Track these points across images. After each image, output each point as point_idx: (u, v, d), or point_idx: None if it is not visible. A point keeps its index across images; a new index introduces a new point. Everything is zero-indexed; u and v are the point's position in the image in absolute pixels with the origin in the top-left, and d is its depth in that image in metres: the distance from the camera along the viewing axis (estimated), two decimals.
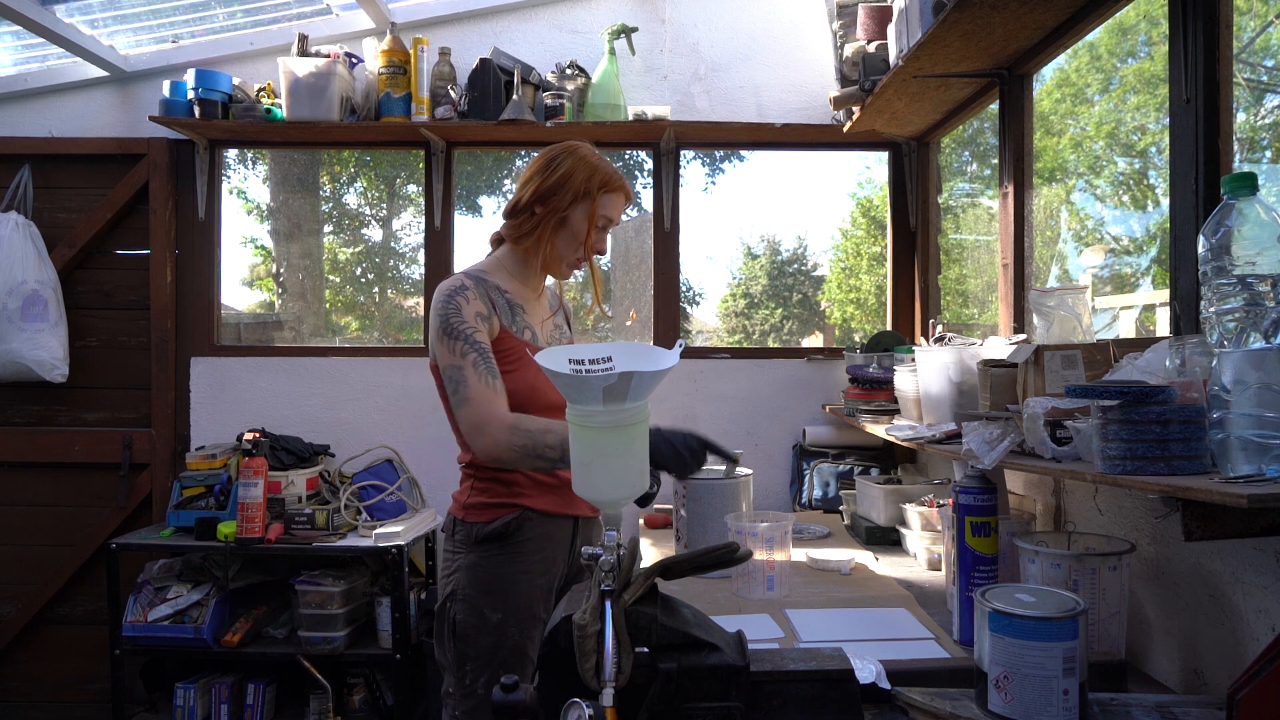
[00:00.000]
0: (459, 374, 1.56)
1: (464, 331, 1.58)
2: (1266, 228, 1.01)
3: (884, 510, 2.41)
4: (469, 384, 1.55)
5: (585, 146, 1.75)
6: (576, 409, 1.05)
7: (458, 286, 1.63)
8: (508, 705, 0.93)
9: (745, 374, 3.18)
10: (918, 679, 1.25)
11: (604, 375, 1.01)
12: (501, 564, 1.64)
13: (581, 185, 1.68)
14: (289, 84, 2.93)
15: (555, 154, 1.71)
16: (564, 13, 3.22)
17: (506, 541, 1.65)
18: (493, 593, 1.63)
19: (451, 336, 1.58)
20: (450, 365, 1.57)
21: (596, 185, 1.69)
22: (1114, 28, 2.35)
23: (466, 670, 1.62)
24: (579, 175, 1.68)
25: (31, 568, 3.14)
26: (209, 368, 3.18)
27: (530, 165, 1.74)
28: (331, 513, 2.71)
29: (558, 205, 1.68)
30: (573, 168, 1.68)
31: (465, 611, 1.63)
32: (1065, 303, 1.72)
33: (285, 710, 2.89)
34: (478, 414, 1.53)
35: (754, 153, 3.71)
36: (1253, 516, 1.04)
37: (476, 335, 1.59)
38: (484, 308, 1.63)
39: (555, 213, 1.68)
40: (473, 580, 1.64)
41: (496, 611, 1.62)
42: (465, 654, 1.62)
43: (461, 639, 1.62)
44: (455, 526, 1.69)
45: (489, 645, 1.62)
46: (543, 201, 1.68)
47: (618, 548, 1.05)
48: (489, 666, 1.62)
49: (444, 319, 1.59)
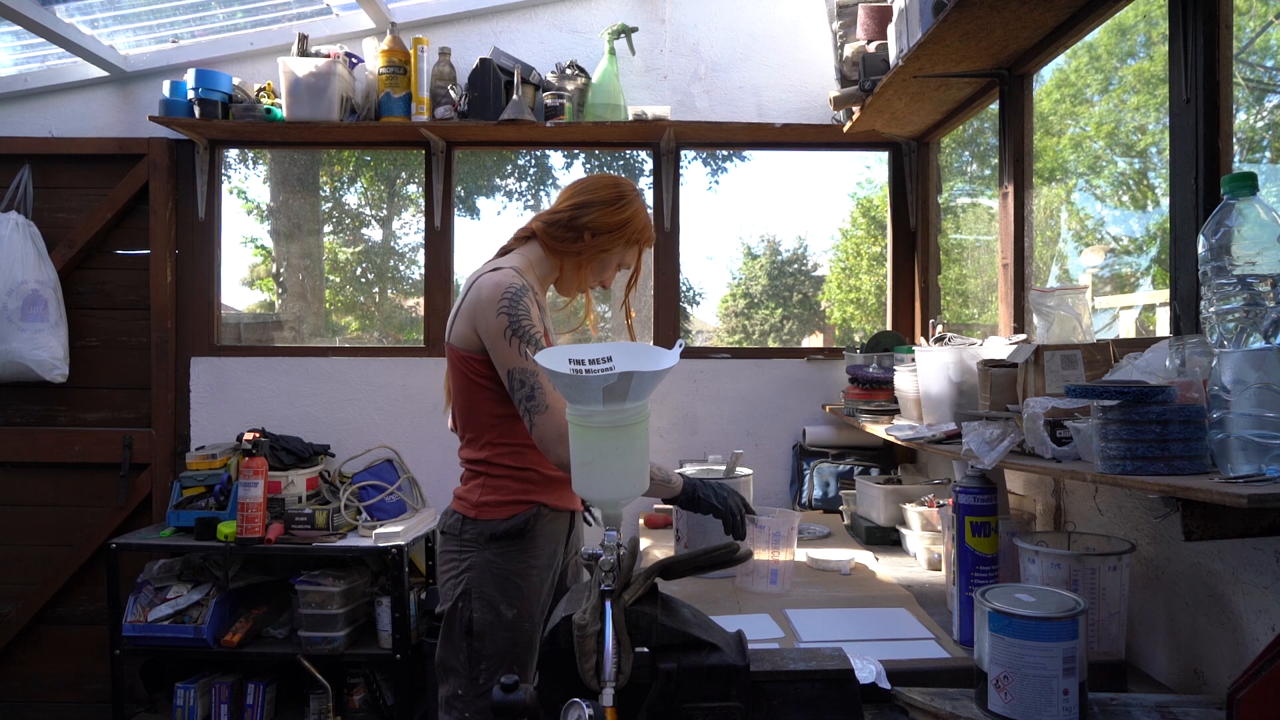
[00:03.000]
0: (532, 379, 1.55)
1: (535, 336, 1.57)
2: (1266, 228, 1.01)
3: (884, 510, 2.41)
4: (548, 391, 1.55)
5: (640, 193, 1.80)
6: (576, 409, 1.05)
7: (523, 287, 1.61)
8: (508, 705, 0.93)
9: (745, 374, 3.18)
10: (918, 679, 1.25)
11: (604, 375, 1.01)
12: (516, 560, 1.65)
13: (634, 234, 1.77)
14: (289, 84, 2.93)
15: (625, 193, 1.75)
16: (564, 13, 3.22)
17: (521, 537, 1.65)
18: (509, 589, 1.63)
19: (522, 339, 1.57)
20: (520, 369, 1.56)
21: (646, 238, 1.80)
22: (1113, 28, 2.35)
23: (481, 670, 1.62)
24: (637, 223, 1.76)
25: (31, 568, 3.14)
26: (209, 368, 3.18)
27: (593, 185, 1.76)
28: (331, 513, 2.71)
29: (609, 243, 1.74)
30: (635, 214, 1.75)
31: (482, 609, 1.62)
32: (1065, 303, 1.72)
33: (285, 710, 2.89)
34: (561, 422, 1.51)
35: (755, 152, 3.71)
36: (1253, 516, 1.04)
37: (544, 340, 1.60)
38: (539, 312, 1.65)
39: (603, 245, 1.74)
40: (489, 578, 1.63)
41: (512, 608, 1.63)
42: (481, 652, 1.62)
43: (478, 638, 1.62)
44: (464, 525, 1.67)
45: (505, 642, 1.62)
46: (598, 233, 1.73)
47: (618, 548, 1.05)
48: (505, 664, 1.62)
49: (514, 320, 1.57)
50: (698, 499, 1.67)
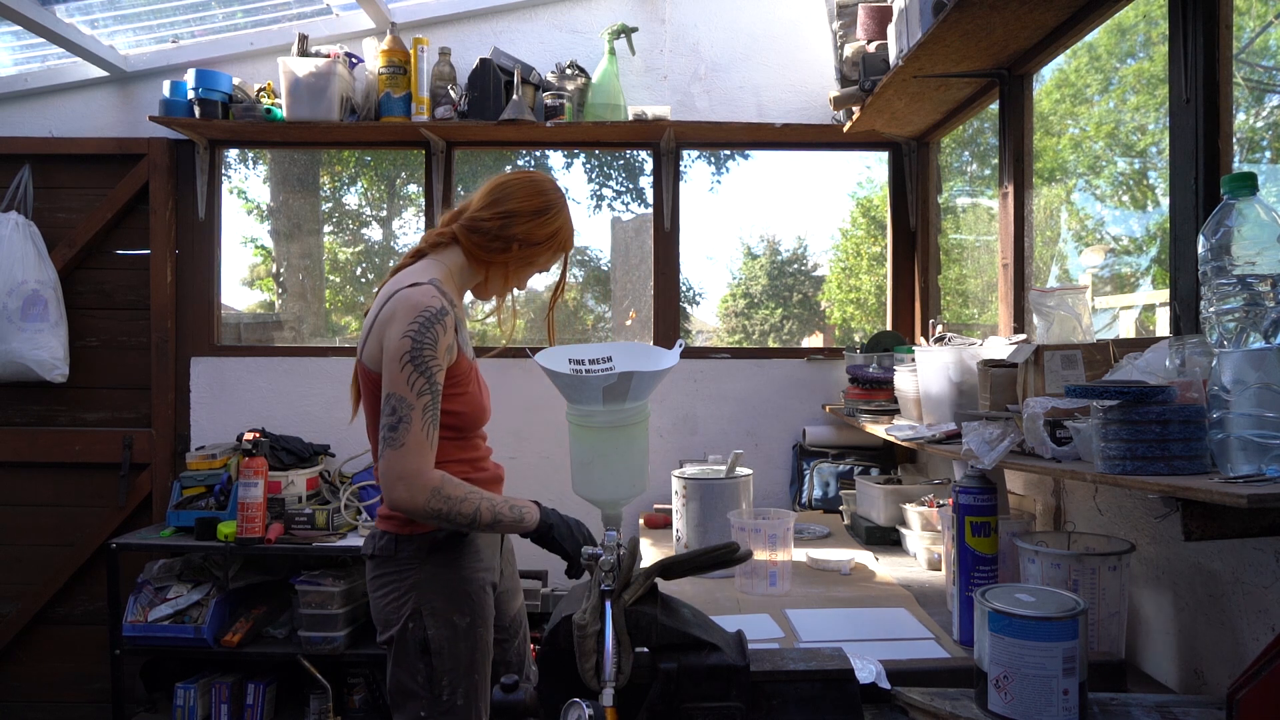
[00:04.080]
0: (407, 412, 1.47)
1: (430, 369, 1.49)
2: (1266, 228, 1.01)
3: (884, 510, 2.41)
4: (411, 429, 1.47)
5: (564, 197, 1.75)
6: (576, 409, 1.05)
7: (439, 310, 1.52)
8: (508, 705, 0.93)
9: (745, 374, 3.18)
10: (918, 679, 1.25)
11: (604, 375, 1.02)
12: (461, 567, 1.60)
13: (563, 243, 1.74)
14: (289, 84, 2.93)
15: (553, 202, 1.70)
16: (564, 13, 3.22)
17: (462, 544, 1.61)
18: (459, 598, 1.59)
19: (417, 369, 1.48)
20: (400, 398, 1.47)
21: (571, 245, 1.78)
22: (1113, 28, 2.35)
23: (443, 686, 1.56)
24: (565, 232, 1.73)
25: (31, 568, 3.14)
26: (209, 368, 3.18)
27: (520, 193, 1.67)
28: (331, 513, 2.72)
29: (537, 254, 1.70)
30: (562, 224, 1.72)
31: (435, 625, 1.56)
32: (1065, 303, 1.72)
33: (285, 710, 2.89)
34: (406, 465, 1.46)
35: (755, 152, 3.71)
36: (1253, 516, 1.04)
37: (438, 375, 1.51)
38: (453, 337, 1.56)
39: (529, 255, 1.69)
40: (437, 590, 1.58)
41: (465, 616, 1.59)
42: (441, 669, 1.56)
43: (437, 654, 1.56)
44: (398, 545, 1.59)
45: (465, 652, 1.58)
46: (526, 245, 1.67)
47: (618, 548, 1.05)
48: (466, 675, 1.58)
49: (417, 346, 1.48)
50: (552, 540, 1.58)
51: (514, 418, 3.11)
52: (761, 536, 1.92)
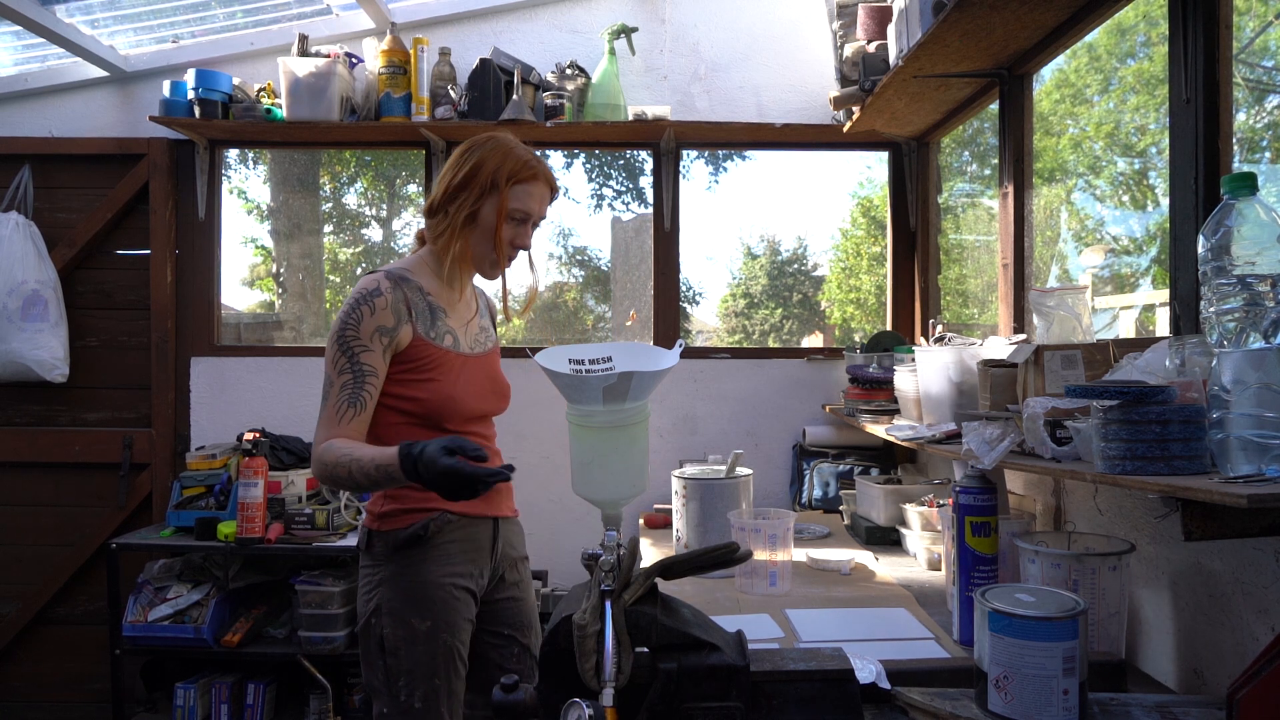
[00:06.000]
0: (327, 388, 1.52)
1: (353, 348, 1.51)
2: (1266, 228, 1.01)
3: (884, 510, 2.41)
4: (326, 404, 1.52)
5: (503, 137, 1.65)
6: (576, 409, 1.05)
7: (370, 291, 1.54)
8: (508, 705, 0.93)
9: (745, 374, 3.18)
10: (918, 679, 1.25)
11: (604, 375, 1.02)
12: (424, 570, 1.57)
13: (489, 177, 1.58)
14: (289, 84, 2.93)
15: (466, 147, 1.62)
16: (564, 13, 3.22)
17: (427, 545, 1.58)
18: (419, 601, 1.56)
19: (340, 348, 1.52)
20: (326, 376, 1.53)
21: (505, 176, 1.59)
22: (1113, 28, 2.35)
23: (400, 687, 1.55)
24: (487, 167, 1.59)
25: (31, 568, 3.14)
26: (209, 368, 3.18)
27: (449, 164, 1.65)
28: (331, 513, 2.71)
29: (466, 201, 1.59)
30: (482, 159, 1.59)
31: (392, 625, 1.55)
32: (1065, 303, 1.72)
33: (285, 710, 2.89)
34: (316, 436, 1.51)
35: (755, 152, 3.72)
36: (1253, 516, 1.04)
37: (363, 355, 1.51)
38: (392, 319, 1.54)
39: (463, 209, 1.59)
40: (398, 591, 1.56)
41: (425, 620, 1.55)
42: (397, 669, 1.55)
43: (392, 654, 1.55)
44: (371, 539, 1.60)
45: (423, 655, 1.55)
46: (452, 199, 1.60)
47: (618, 548, 1.05)
48: (425, 678, 1.55)
49: (342, 326, 1.52)
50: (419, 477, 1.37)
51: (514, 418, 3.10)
52: (761, 536, 1.91)
